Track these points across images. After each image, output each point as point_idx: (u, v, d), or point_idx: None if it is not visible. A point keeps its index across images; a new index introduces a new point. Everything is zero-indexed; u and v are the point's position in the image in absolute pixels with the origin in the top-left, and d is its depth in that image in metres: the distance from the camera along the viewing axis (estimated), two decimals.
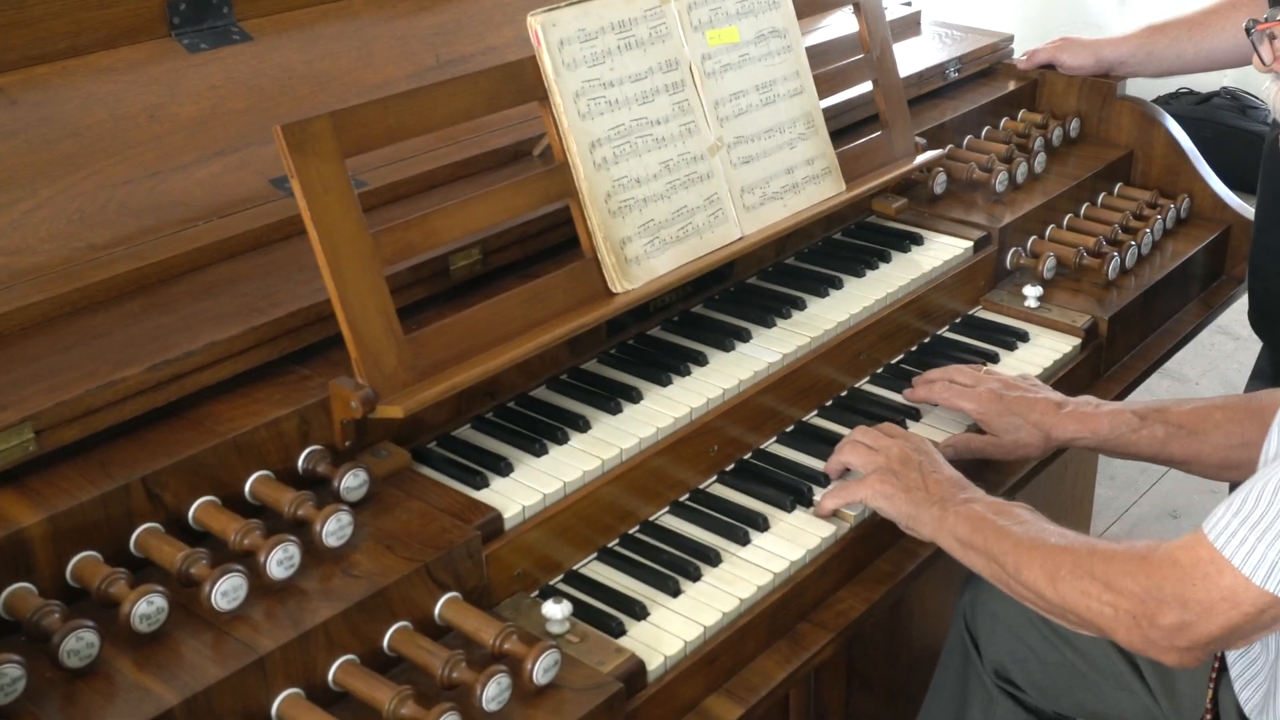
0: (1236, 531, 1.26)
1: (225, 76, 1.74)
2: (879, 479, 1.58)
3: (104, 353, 1.40)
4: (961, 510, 1.51)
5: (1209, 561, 1.28)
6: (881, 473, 1.59)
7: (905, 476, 1.58)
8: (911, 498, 1.56)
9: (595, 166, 1.64)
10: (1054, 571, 1.40)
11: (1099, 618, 1.36)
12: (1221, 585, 1.27)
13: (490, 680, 1.24)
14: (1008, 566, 1.45)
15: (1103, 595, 1.35)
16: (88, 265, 1.52)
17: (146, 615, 1.21)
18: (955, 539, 1.51)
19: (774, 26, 1.89)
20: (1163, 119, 2.48)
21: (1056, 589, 1.39)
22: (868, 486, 1.59)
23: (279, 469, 1.41)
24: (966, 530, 1.49)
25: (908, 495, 1.56)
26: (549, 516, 1.49)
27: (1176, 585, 1.30)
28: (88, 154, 1.60)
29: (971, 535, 1.49)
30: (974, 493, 1.56)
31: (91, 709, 1.14)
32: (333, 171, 1.42)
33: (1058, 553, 1.41)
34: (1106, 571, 1.36)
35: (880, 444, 1.63)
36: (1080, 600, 1.37)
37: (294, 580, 1.29)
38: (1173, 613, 1.30)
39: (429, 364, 1.48)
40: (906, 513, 1.56)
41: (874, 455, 1.62)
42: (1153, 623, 1.32)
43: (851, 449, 1.65)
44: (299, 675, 1.24)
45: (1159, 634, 1.32)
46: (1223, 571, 1.26)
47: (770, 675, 1.48)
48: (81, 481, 1.30)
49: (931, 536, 1.54)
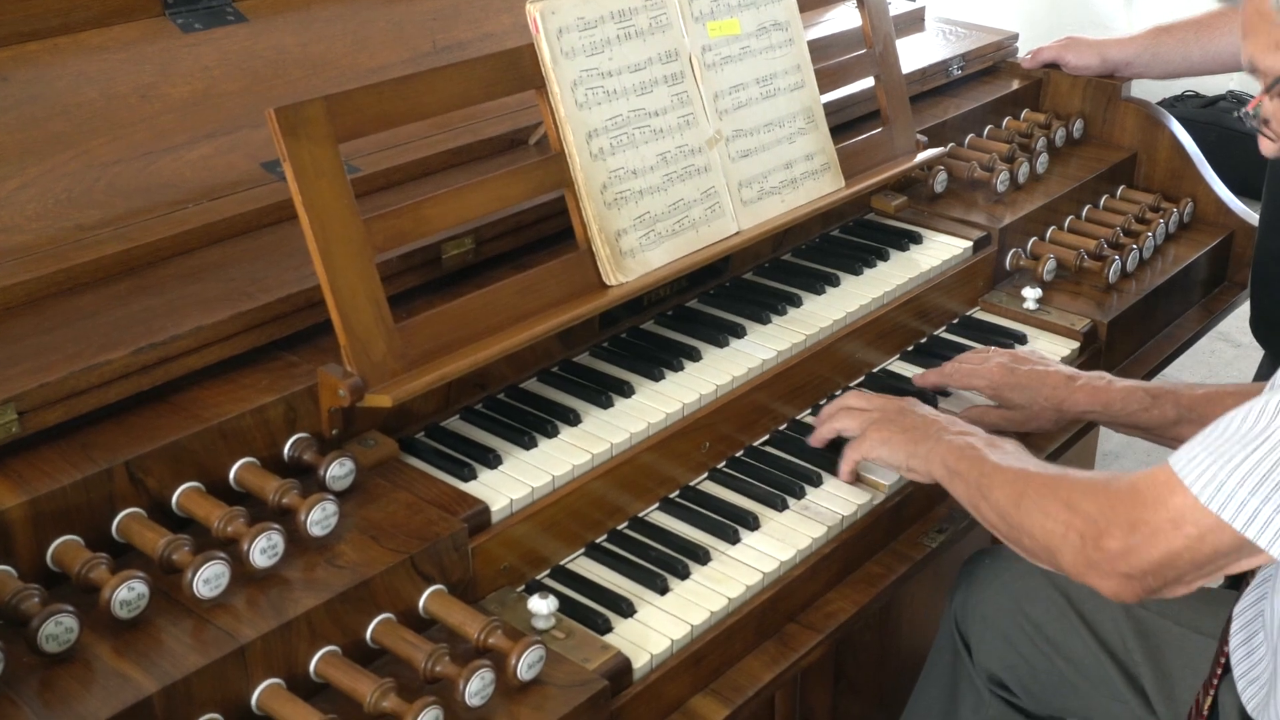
0: (1196, 455, 1.24)
1: (219, 58, 1.73)
2: (876, 428, 1.60)
3: (89, 335, 1.39)
4: (953, 440, 1.54)
5: (1164, 483, 1.26)
6: (878, 423, 1.61)
7: (901, 421, 1.60)
8: (908, 437, 1.58)
9: (592, 157, 1.63)
10: (1022, 490, 1.41)
11: (1050, 536, 1.36)
12: (1170, 505, 1.25)
13: (474, 675, 1.23)
14: (981, 489, 1.47)
15: (1059, 514, 1.36)
16: (75, 245, 1.51)
17: (127, 601, 1.20)
18: (945, 467, 1.53)
19: (776, 19, 1.88)
20: (1167, 121, 2.47)
21: (1020, 507, 1.40)
22: (867, 438, 1.61)
23: (264, 456, 1.40)
24: (954, 458, 1.52)
25: (905, 435, 1.58)
26: (537, 510, 1.48)
27: (1129, 508, 1.29)
28: (77, 133, 1.58)
29: (958, 462, 1.51)
30: (968, 428, 1.58)
31: (69, 695, 1.13)
32: (325, 156, 1.41)
33: (1029, 475, 1.43)
34: (1069, 493, 1.36)
35: (872, 403, 1.65)
36: (1039, 520, 1.38)
37: (277, 569, 1.28)
38: (1119, 535, 1.29)
39: (419, 353, 1.47)
40: (906, 451, 1.58)
41: (867, 413, 1.64)
42: (1097, 544, 1.31)
43: (843, 414, 1.66)
44: (280, 665, 1.23)
45: (1101, 556, 1.31)
46: (1174, 492, 1.25)
47: (757, 676, 1.47)
48: (64, 464, 1.29)
49: (926, 469, 1.56)
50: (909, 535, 1.69)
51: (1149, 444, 1.83)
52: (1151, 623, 1.68)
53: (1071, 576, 1.37)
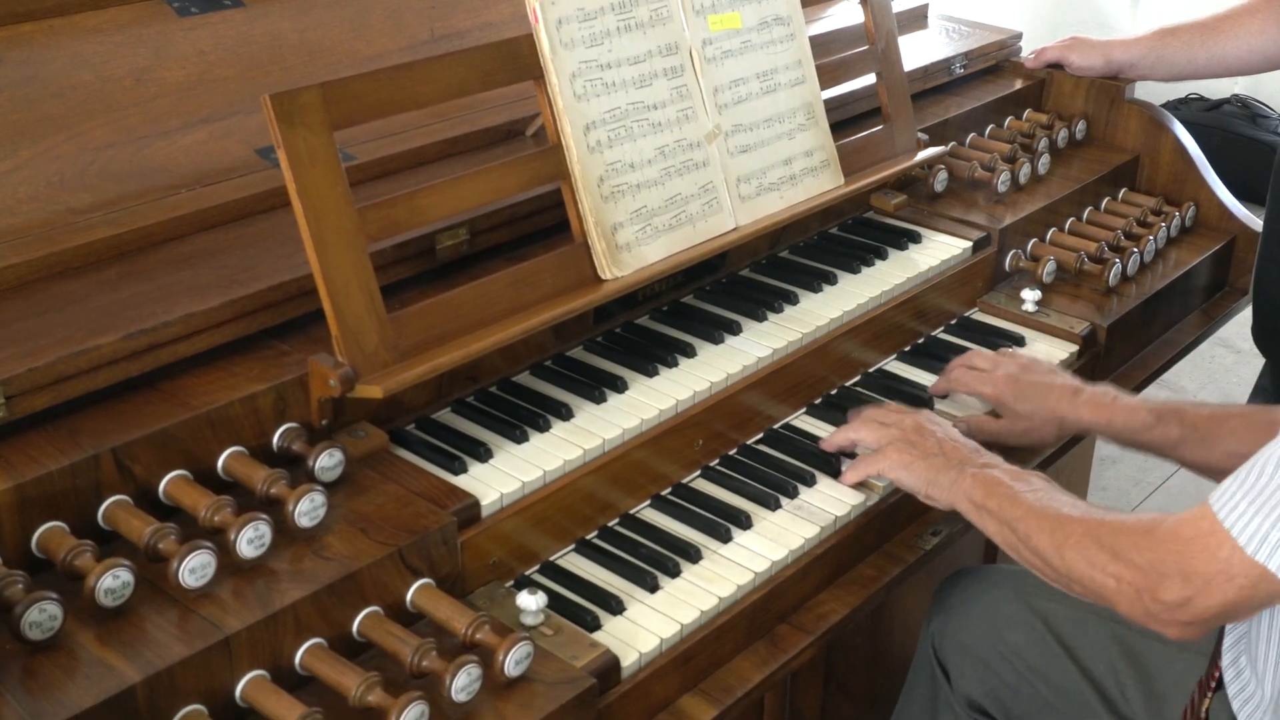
0: (1238, 504, 1.24)
1: (214, 42, 1.72)
2: (896, 449, 1.59)
3: (79, 319, 1.38)
4: (979, 474, 1.52)
5: (1209, 534, 1.26)
6: (898, 443, 1.59)
7: (922, 445, 1.58)
8: (930, 464, 1.56)
9: (589, 149, 1.61)
10: (1062, 540, 1.40)
11: (1103, 589, 1.36)
12: (1219, 558, 1.25)
13: (460, 670, 1.22)
14: (1019, 532, 1.45)
15: (1108, 566, 1.35)
16: (66, 229, 1.50)
17: (112, 589, 1.19)
18: (970, 502, 1.51)
19: (778, 14, 1.87)
20: (1171, 124, 2.45)
21: (1063, 557, 1.39)
22: (886, 457, 1.59)
23: (253, 446, 1.39)
24: (981, 494, 1.50)
25: (926, 462, 1.56)
26: (527, 505, 1.46)
27: (1179, 559, 1.29)
28: (71, 115, 1.57)
29: (986, 499, 1.49)
30: (990, 458, 1.57)
31: (52, 683, 1.12)
32: (320, 144, 1.40)
33: (1067, 521, 1.41)
34: (1114, 542, 1.35)
35: (893, 419, 1.64)
36: (1086, 570, 1.37)
37: (264, 560, 1.27)
38: (1175, 587, 1.29)
39: (411, 344, 1.46)
40: (926, 479, 1.56)
41: (887, 430, 1.62)
42: (1155, 596, 1.31)
43: (863, 425, 1.65)
44: (265, 657, 1.22)
45: (1160, 608, 1.31)
46: (1221, 544, 1.25)
47: (746, 677, 1.46)
48: (51, 450, 1.28)
49: (948, 501, 1.54)
50: (903, 537, 1.68)
51: None
52: (1138, 643, 1.67)
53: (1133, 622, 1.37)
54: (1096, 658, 1.68)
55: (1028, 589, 1.76)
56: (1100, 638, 1.68)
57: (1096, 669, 1.67)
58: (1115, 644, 1.67)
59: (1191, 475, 1.72)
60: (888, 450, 1.59)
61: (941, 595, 1.81)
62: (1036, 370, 1.77)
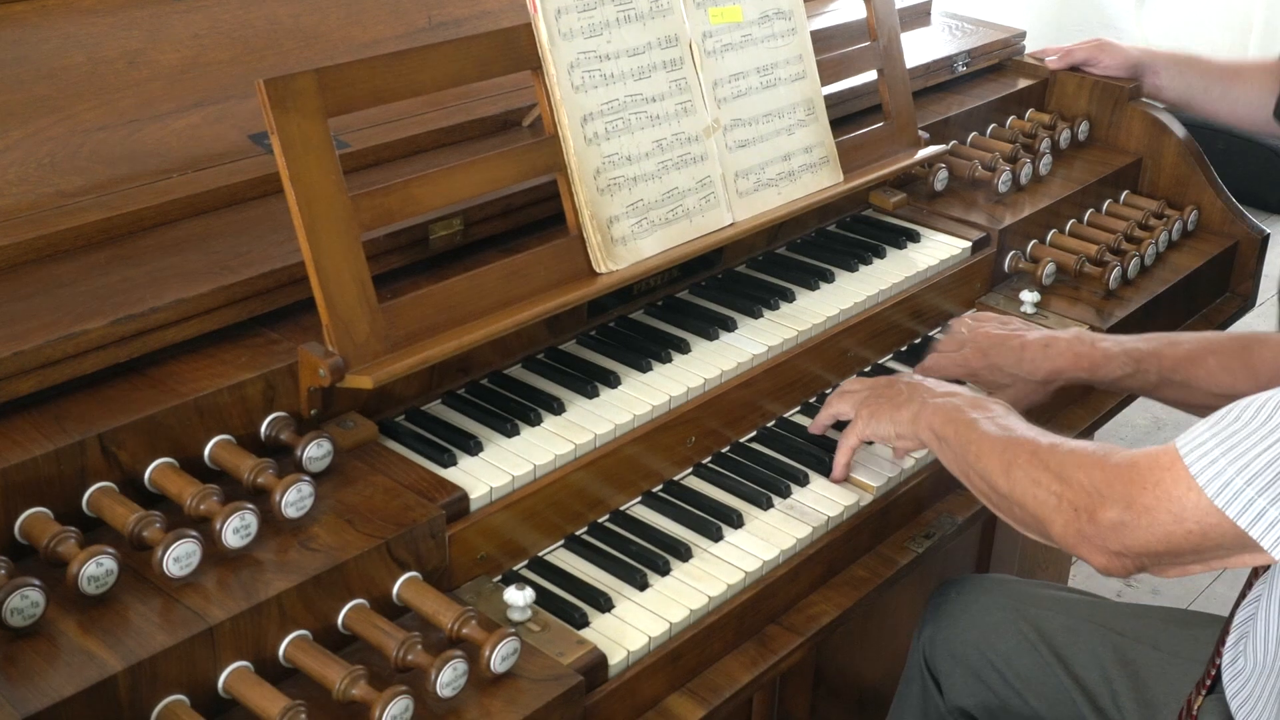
0: (1207, 446, 1.21)
1: (210, 25, 1.70)
2: (865, 407, 1.60)
3: (66, 303, 1.37)
4: (939, 404, 1.52)
5: (1167, 468, 1.24)
6: (869, 401, 1.60)
7: (890, 395, 1.59)
8: (894, 404, 1.57)
9: (586, 141, 1.60)
10: (1011, 460, 1.39)
11: (1042, 506, 1.34)
12: (1173, 494, 1.23)
13: (446, 665, 1.21)
14: (969, 456, 1.45)
15: (1052, 485, 1.33)
16: (55, 212, 1.49)
17: (95, 577, 1.18)
18: (931, 431, 1.52)
19: (779, 8, 1.85)
20: (1174, 127, 2.44)
21: (1010, 476, 1.39)
22: (859, 419, 1.60)
23: (241, 434, 1.38)
24: (940, 422, 1.50)
25: (890, 404, 1.58)
26: (517, 499, 1.45)
27: (1127, 485, 1.27)
28: (63, 97, 1.56)
29: (943, 427, 1.50)
30: (953, 389, 1.57)
31: (33, 670, 1.11)
32: (314, 130, 1.38)
33: (1018, 443, 1.40)
34: (1062, 462, 1.34)
35: (863, 383, 1.65)
36: (1030, 489, 1.36)
37: (249, 550, 1.26)
38: (1114, 510, 1.27)
39: (402, 335, 1.45)
40: (892, 419, 1.57)
41: (857, 394, 1.63)
42: (1091, 516, 1.29)
43: (838, 397, 1.66)
44: (249, 648, 1.21)
45: (1094, 529, 1.29)
46: (1178, 480, 1.22)
47: (735, 677, 1.45)
48: (36, 435, 1.27)
49: (912, 434, 1.55)
50: (895, 539, 1.67)
51: (1141, 434, 1.83)
52: (1132, 650, 1.66)
53: (1062, 548, 1.35)
54: (1089, 666, 1.67)
55: (1020, 598, 1.75)
56: (1093, 645, 1.67)
57: (1089, 677, 1.66)
58: (1109, 651, 1.66)
59: None
60: (860, 410, 1.60)
61: (934, 604, 1.80)
62: (1002, 338, 1.77)
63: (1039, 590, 1.77)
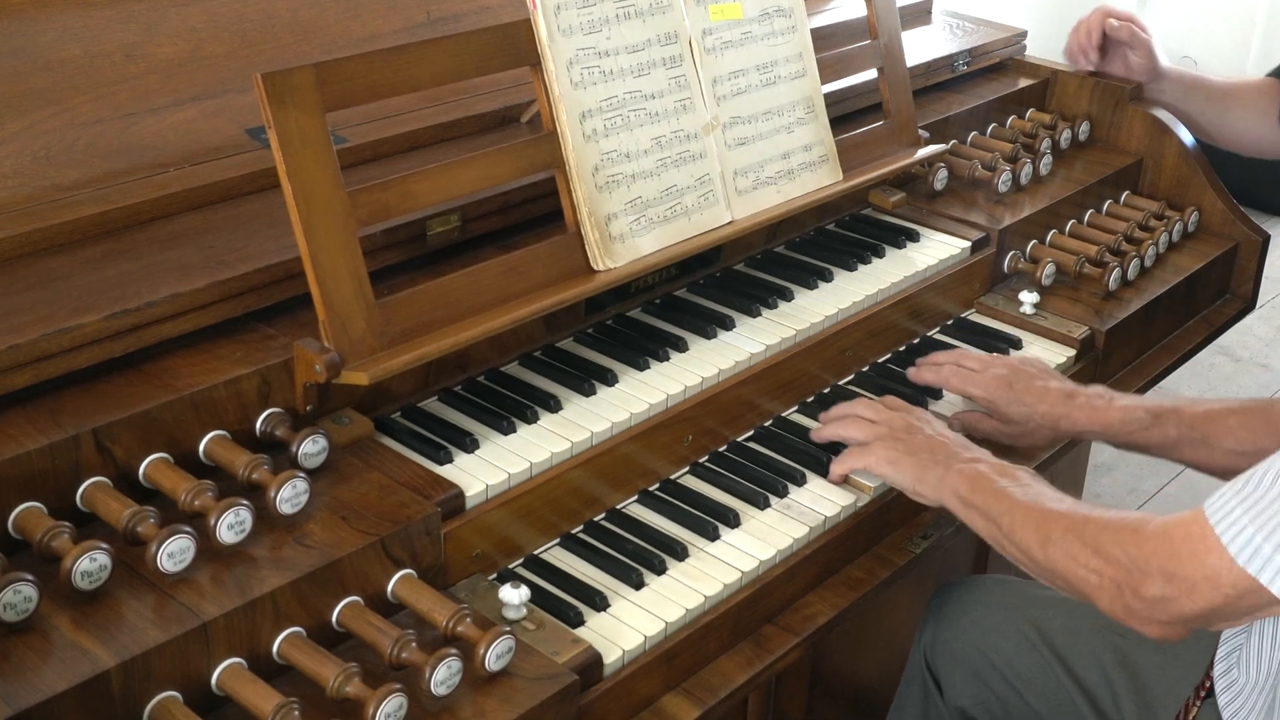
0: (1232, 511, 1.23)
1: (207, 19, 1.70)
2: (884, 445, 1.58)
3: (61, 297, 1.36)
4: (965, 469, 1.51)
5: (1199, 538, 1.25)
6: (886, 440, 1.58)
7: (910, 441, 1.57)
8: (917, 460, 1.55)
9: (585, 138, 1.59)
10: (1046, 534, 1.39)
11: (1084, 584, 1.35)
12: (1206, 563, 1.24)
13: (440, 663, 1.21)
14: (1003, 526, 1.44)
15: (1090, 561, 1.34)
16: (51, 205, 1.48)
17: (88, 572, 1.18)
18: (957, 497, 1.50)
19: (779, 5, 1.85)
20: (1176, 128, 2.43)
21: (1046, 552, 1.38)
22: (873, 453, 1.58)
23: (236, 430, 1.38)
24: (968, 489, 1.49)
25: (913, 459, 1.55)
26: (513, 497, 1.45)
27: (1164, 558, 1.28)
28: (59, 90, 1.55)
29: (972, 494, 1.48)
30: (978, 453, 1.55)
31: (25, 665, 1.11)
32: (312, 125, 1.38)
33: (1052, 516, 1.40)
34: (1097, 538, 1.34)
35: (881, 416, 1.62)
36: (1068, 564, 1.36)
37: (244, 546, 1.26)
38: (1156, 585, 1.28)
39: (399, 331, 1.44)
40: (913, 475, 1.55)
41: (875, 427, 1.61)
42: (1135, 592, 1.30)
43: (852, 423, 1.63)
44: (242, 645, 1.21)
45: (1140, 604, 1.30)
46: (1210, 550, 1.24)
47: (731, 677, 1.44)
48: (30, 429, 1.26)
49: (936, 497, 1.54)
50: (893, 540, 1.66)
51: (1143, 458, 1.81)
52: (1133, 652, 1.65)
53: (1112, 619, 1.36)
54: (1090, 667, 1.67)
55: (1022, 599, 1.75)
56: (1094, 646, 1.67)
57: (1089, 678, 1.66)
58: (1110, 652, 1.66)
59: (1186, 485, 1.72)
60: (875, 446, 1.58)
61: (935, 605, 1.80)
62: (1029, 375, 1.75)
63: (1040, 591, 1.77)
